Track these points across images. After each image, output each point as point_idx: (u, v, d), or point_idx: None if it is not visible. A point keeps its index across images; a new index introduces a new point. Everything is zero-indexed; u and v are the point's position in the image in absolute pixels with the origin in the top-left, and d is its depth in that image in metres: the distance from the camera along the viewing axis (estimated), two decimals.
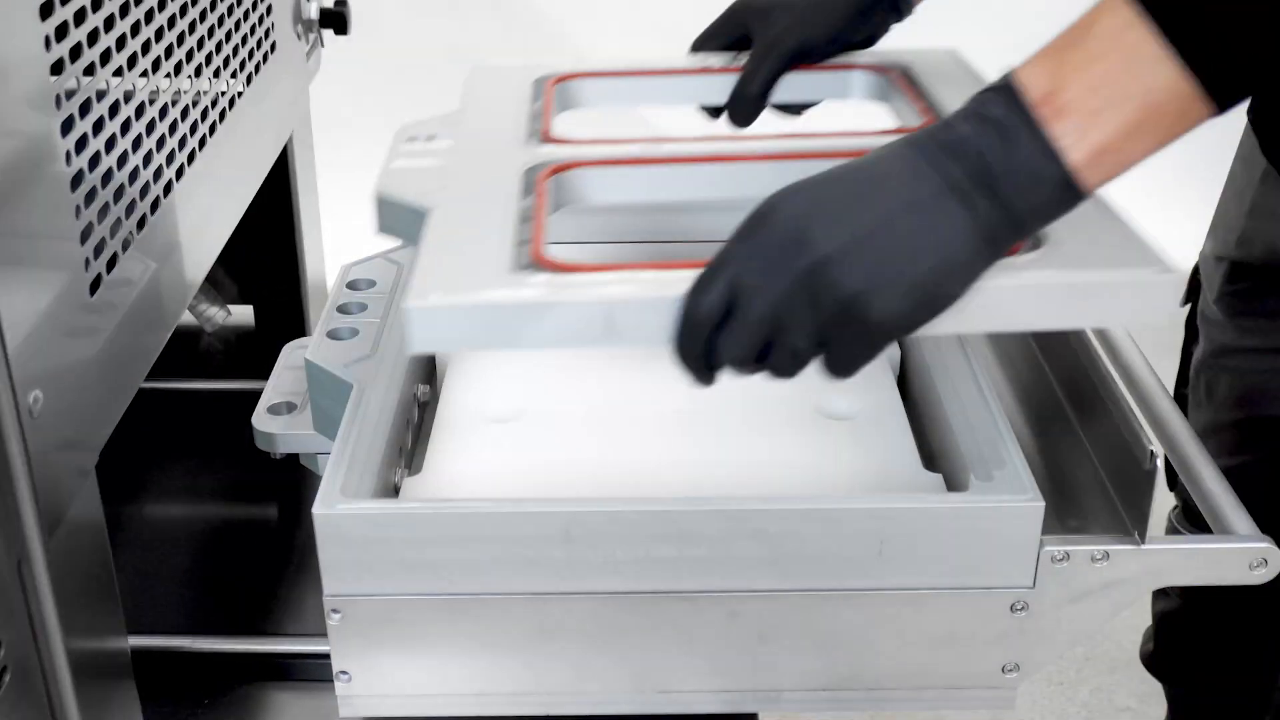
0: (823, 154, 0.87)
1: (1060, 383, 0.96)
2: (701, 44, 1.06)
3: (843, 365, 0.68)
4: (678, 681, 0.81)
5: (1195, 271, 1.21)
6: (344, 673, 0.80)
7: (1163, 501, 1.29)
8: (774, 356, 0.67)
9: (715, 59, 1.04)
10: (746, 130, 0.99)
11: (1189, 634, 1.28)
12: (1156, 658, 1.33)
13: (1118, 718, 1.65)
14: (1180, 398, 1.21)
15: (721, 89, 1.02)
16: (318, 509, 0.74)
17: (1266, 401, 1.10)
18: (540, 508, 0.75)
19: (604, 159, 0.89)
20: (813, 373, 0.70)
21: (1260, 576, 0.78)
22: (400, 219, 0.86)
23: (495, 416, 0.90)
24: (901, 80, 1.02)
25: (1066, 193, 0.64)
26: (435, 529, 0.75)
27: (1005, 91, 0.64)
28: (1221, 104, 0.63)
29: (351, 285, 1.00)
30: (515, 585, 0.77)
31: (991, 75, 0.68)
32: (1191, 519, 1.22)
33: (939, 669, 0.81)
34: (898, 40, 1.06)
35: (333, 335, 0.93)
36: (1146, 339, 1.27)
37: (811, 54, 1.00)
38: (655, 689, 0.81)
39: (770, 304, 0.65)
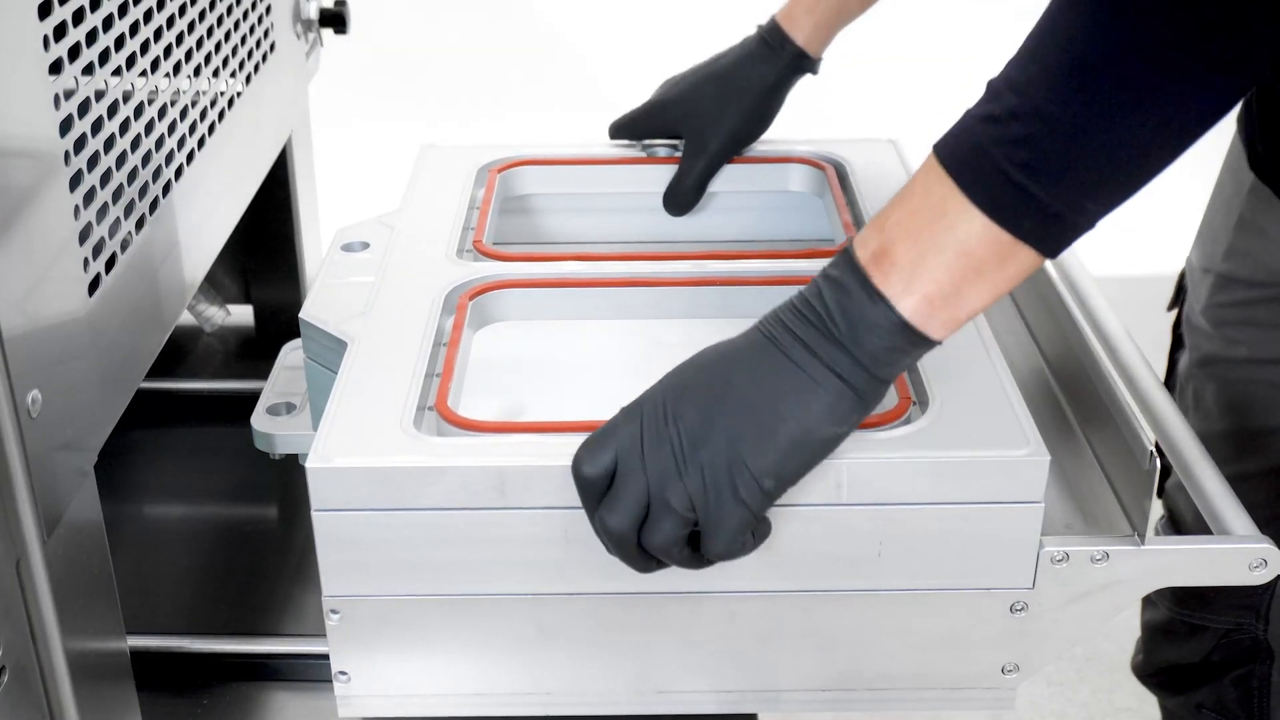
0: (739, 279, 0.93)
1: (1059, 380, 0.96)
2: (619, 131, 1.13)
3: (722, 536, 0.70)
4: (677, 682, 0.81)
5: (1182, 277, 1.20)
6: (343, 673, 0.80)
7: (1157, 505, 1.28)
8: (652, 527, 0.70)
9: (659, 148, 1.13)
10: (674, 249, 1.05)
11: (1175, 644, 1.27)
12: (1145, 668, 1.33)
13: (1118, 718, 1.65)
14: None
15: (662, 179, 1.10)
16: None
17: (1256, 411, 1.09)
18: (538, 505, 0.75)
19: (528, 279, 0.93)
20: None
21: (1260, 577, 0.78)
22: (323, 346, 0.88)
23: (512, 381, 0.90)
24: (834, 178, 1.08)
25: (908, 339, 0.68)
26: (428, 530, 0.75)
27: (844, 255, 0.69)
28: (1045, 252, 0.65)
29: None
30: (514, 586, 0.77)
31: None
32: (1177, 530, 1.21)
33: (939, 669, 0.81)
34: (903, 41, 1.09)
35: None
36: (1140, 338, 1.27)
37: (742, 143, 1.08)
38: (654, 689, 0.81)
39: (638, 474, 0.69)
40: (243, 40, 1.04)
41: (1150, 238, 2.48)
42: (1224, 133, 1.14)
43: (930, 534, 0.76)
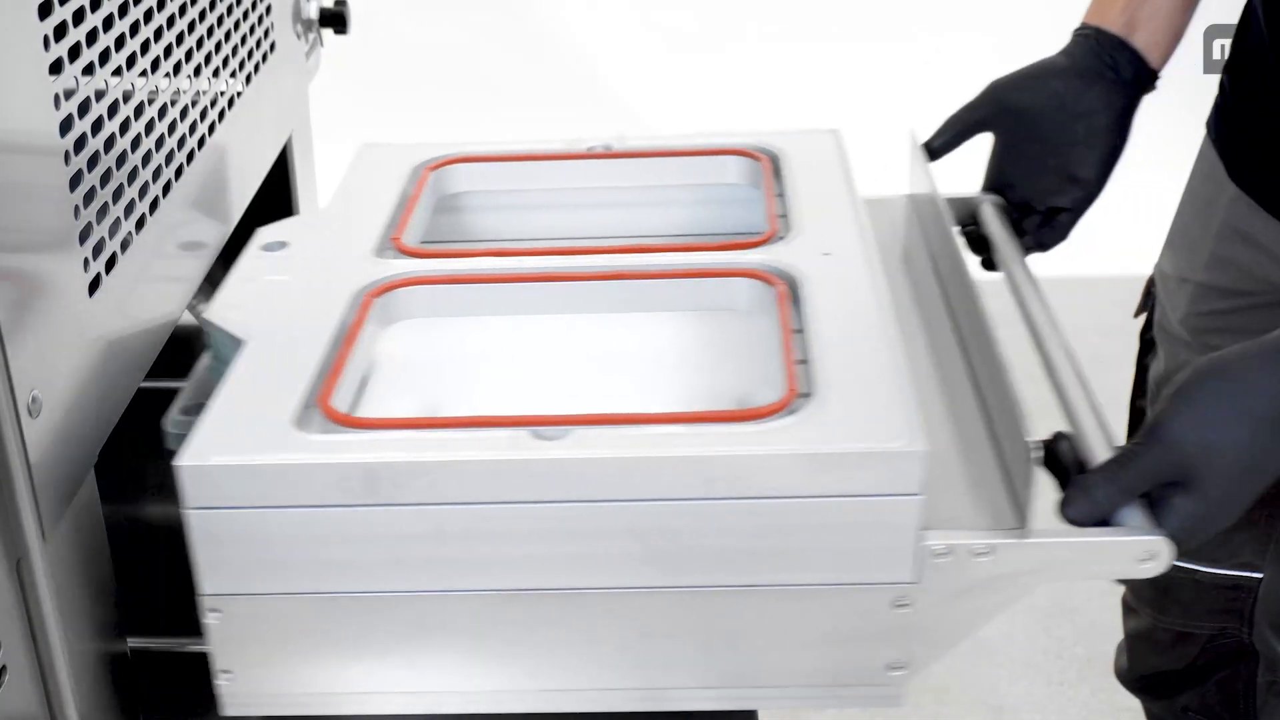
0: (651, 273, 0.92)
1: (972, 368, 0.94)
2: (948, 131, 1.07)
3: (1203, 534, 0.76)
4: (560, 679, 0.80)
5: (1150, 283, 1.20)
6: (226, 671, 0.80)
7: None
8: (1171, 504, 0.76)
9: (595, 143, 1.11)
10: (593, 243, 1.03)
11: (1159, 652, 1.27)
12: (1130, 674, 1.33)
13: (1118, 718, 1.65)
14: (1138, 410, 1.19)
15: (598, 174, 1.09)
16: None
17: None
18: (409, 503, 0.74)
19: (438, 276, 0.93)
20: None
21: (1149, 570, 0.76)
22: (224, 345, 0.87)
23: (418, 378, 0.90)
24: (768, 169, 1.07)
25: None
26: (307, 527, 0.75)
27: None
28: None
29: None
30: (391, 584, 0.77)
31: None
32: None
33: (824, 666, 0.80)
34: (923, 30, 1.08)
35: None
36: (1130, 340, 1.27)
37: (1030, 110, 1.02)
38: (538, 687, 0.81)
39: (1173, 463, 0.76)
40: (243, 40, 1.04)
41: (1138, 238, 2.48)
42: (1194, 138, 1.14)
43: (809, 528, 0.75)
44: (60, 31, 0.71)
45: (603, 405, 0.82)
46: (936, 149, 1.05)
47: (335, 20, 1.26)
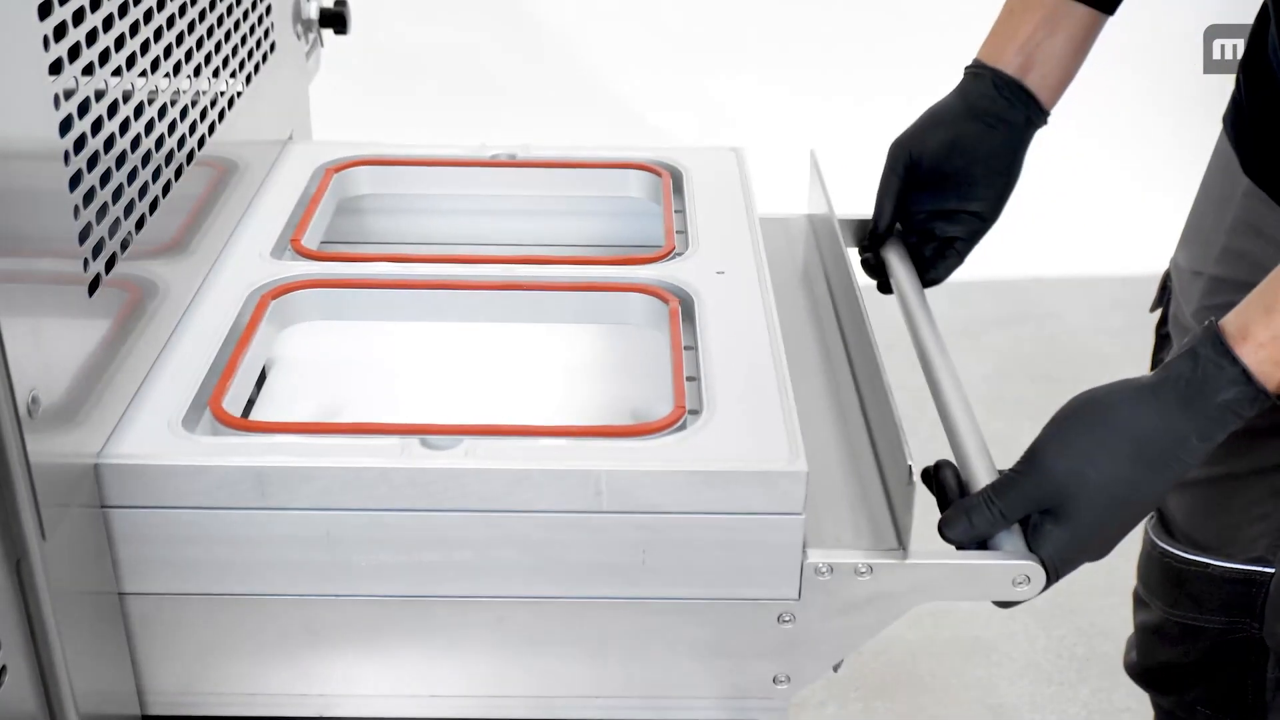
0: (552, 285, 0.93)
1: (858, 388, 0.96)
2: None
3: (1071, 562, 0.79)
4: (449, 686, 0.81)
5: (1166, 278, 1.20)
6: (146, 669, 0.80)
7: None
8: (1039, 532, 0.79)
9: (500, 151, 1.13)
10: (495, 251, 1.05)
11: (1169, 645, 1.27)
12: (1139, 667, 1.33)
13: (1118, 718, 1.65)
14: None
15: (499, 181, 1.10)
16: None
17: None
18: (299, 507, 0.75)
19: (335, 280, 0.93)
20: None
21: (1023, 593, 0.78)
22: None
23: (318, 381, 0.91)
24: (668, 185, 1.09)
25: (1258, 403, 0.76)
26: (198, 528, 0.75)
27: (1211, 332, 0.78)
28: None
29: None
30: (280, 587, 0.77)
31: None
32: (1168, 531, 1.21)
33: (710, 679, 0.81)
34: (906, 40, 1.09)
35: None
36: (1131, 340, 1.27)
37: (923, 160, 1.06)
38: (427, 693, 0.81)
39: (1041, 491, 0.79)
40: (243, 40, 1.04)
41: (1137, 238, 2.49)
42: (1209, 134, 1.15)
43: (694, 543, 0.76)
44: (60, 31, 0.70)
45: (495, 414, 0.83)
46: (883, 232, 1.09)
47: (335, 20, 1.26)
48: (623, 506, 0.75)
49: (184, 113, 0.90)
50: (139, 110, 0.82)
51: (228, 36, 1.00)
